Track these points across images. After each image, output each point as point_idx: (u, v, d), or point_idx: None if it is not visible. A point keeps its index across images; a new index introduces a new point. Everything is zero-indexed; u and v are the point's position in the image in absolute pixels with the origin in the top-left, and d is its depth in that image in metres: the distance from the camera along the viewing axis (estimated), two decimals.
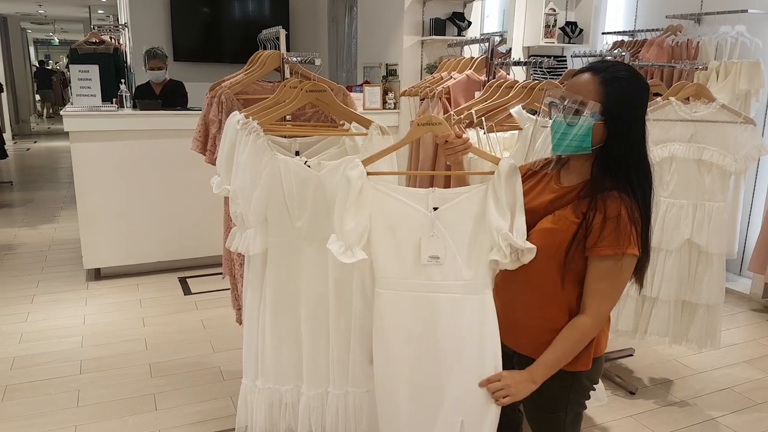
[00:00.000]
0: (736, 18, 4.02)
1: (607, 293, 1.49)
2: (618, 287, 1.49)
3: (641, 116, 1.49)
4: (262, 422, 1.98)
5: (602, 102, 1.44)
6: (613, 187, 1.44)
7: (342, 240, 1.57)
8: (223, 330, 3.42)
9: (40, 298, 3.85)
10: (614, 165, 1.46)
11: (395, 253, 1.60)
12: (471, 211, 1.59)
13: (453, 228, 1.58)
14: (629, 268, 1.47)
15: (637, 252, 1.44)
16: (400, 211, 1.60)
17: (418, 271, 1.58)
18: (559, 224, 1.49)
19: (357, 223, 1.57)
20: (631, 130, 1.47)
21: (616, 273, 1.45)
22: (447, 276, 1.58)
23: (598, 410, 2.64)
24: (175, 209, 4.25)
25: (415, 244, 1.59)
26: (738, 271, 4.37)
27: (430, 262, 1.58)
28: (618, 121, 1.45)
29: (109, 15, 12.49)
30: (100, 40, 6.15)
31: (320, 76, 2.38)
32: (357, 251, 1.56)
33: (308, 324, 1.94)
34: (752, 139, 2.56)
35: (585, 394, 1.63)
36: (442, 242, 1.58)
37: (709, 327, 2.67)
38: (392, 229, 1.60)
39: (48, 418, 2.56)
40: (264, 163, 1.79)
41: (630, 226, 1.42)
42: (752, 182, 4.24)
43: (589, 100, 1.43)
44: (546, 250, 1.50)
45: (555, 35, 5.06)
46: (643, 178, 1.47)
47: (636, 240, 1.43)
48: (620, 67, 1.49)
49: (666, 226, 2.59)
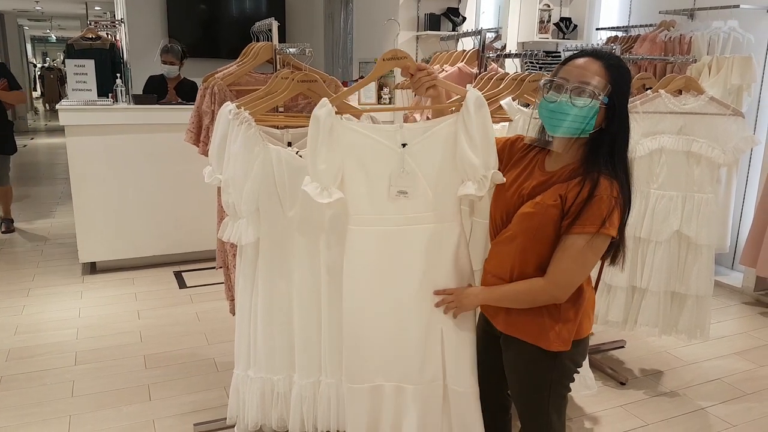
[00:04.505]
0: (729, 13, 4.04)
1: (571, 268, 1.50)
2: (585, 264, 1.50)
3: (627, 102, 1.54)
4: (254, 412, 2.00)
5: (610, 86, 1.46)
6: (601, 171, 1.47)
7: (317, 180, 1.61)
8: (218, 323, 3.43)
9: (36, 291, 3.87)
10: (606, 149, 1.49)
11: (367, 190, 1.65)
12: (441, 146, 1.65)
13: (423, 163, 1.65)
14: (600, 247, 1.48)
15: (614, 233, 1.46)
16: (371, 148, 1.64)
17: (389, 206, 1.65)
18: (537, 208, 1.52)
19: (330, 163, 1.61)
20: (625, 116, 1.51)
21: (585, 250, 1.47)
22: (417, 208, 1.66)
23: (588, 400, 2.67)
24: (171, 203, 4.26)
25: (385, 180, 1.64)
26: (730, 264, 4.40)
27: (399, 197, 1.65)
28: (619, 105, 1.49)
29: (105, 11, 12.47)
30: (96, 36, 6.16)
31: (315, 68, 2.40)
32: (333, 191, 1.62)
33: (300, 313, 1.96)
34: (740, 131, 2.58)
35: (568, 376, 1.64)
36: (413, 177, 1.64)
37: (699, 318, 2.70)
38: (364, 167, 1.65)
39: (43, 408, 2.57)
40: (256, 153, 1.81)
41: (613, 207, 1.45)
42: (744, 176, 4.27)
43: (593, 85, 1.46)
44: (526, 233, 1.53)
45: (549, 31, 5.08)
46: (625, 164, 1.51)
47: (616, 221, 1.46)
48: (615, 55, 1.56)
49: (655, 218, 2.62)
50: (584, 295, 1.58)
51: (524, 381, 1.66)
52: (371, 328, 1.74)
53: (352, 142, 1.64)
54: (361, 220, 1.69)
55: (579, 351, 1.63)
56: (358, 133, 1.65)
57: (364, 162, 1.65)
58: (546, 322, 1.56)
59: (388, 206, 1.66)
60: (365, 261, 1.71)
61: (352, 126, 1.66)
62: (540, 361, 1.59)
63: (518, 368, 1.66)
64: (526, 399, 1.68)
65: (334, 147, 1.62)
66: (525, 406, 1.69)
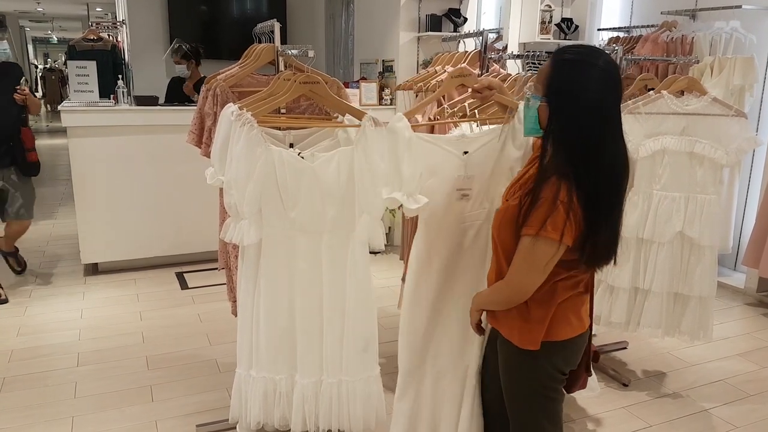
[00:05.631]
0: (731, 14, 4.03)
1: (522, 268, 1.49)
2: (533, 266, 1.46)
3: (589, 101, 1.42)
4: (257, 411, 2.00)
5: (547, 84, 1.45)
6: (557, 172, 1.42)
7: (402, 188, 1.80)
8: (220, 324, 3.43)
9: (38, 292, 3.87)
10: (555, 149, 1.45)
11: (439, 193, 1.91)
12: (493, 153, 1.92)
13: (479, 168, 1.91)
14: (545, 250, 1.43)
15: (556, 237, 1.40)
16: (441, 156, 1.90)
17: (455, 205, 1.92)
18: (503, 208, 1.56)
19: (414, 170, 1.81)
20: (573, 113, 1.43)
21: (531, 252, 1.45)
22: (474, 207, 1.93)
23: (591, 401, 2.66)
24: (173, 205, 4.26)
25: (451, 183, 1.90)
26: (733, 266, 4.39)
27: (462, 198, 1.92)
28: (556, 103, 1.44)
29: (107, 12, 12.49)
30: (97, 37, 6.17)
31: (316, 69, 2.40)
32: (419, 197, 1.82)
33: (302, 313, 1.96)
34: (743, 131, 2.58)
35: (550, 380, 1.60)
36: (472, 181, 1.92)
37: (702, 319, 2.69)
38: (435, 173, 1.90)
39: (46, 409, 2.58)
40: (258, 155, 1.81)
41: (555, 211, 1.39)
42: (746, 177, 4.26)
43: (540, 82, 1.48)
44: (496, 233, 1.59)
45: (551, 31, 5.07)
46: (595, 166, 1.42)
47: (561, 225, 1.40)
48: (573, 49, 1.47)
49: (658, 219, 2.61)
50: (557, 298, 1.53)
51: (509, 382, 1.66)
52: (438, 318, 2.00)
53: (425, 152, 1.87)
54: (433, 219, 1.93)
55: (559, 355, 1.58)
56: (429, 143, 1.90)
57: (436, 169, 1.89)
58: (515, 320, 1.56)
59: (455, 206, 1.92)
60: (436, 255, 1.95)
61: (423, 137, 1.90)
62: (520, 361, 1.59)
63: (504, 369, 1.67)
64: (512, 402, 1.68)
65: (415, 155, 1.81)
66: (513, 412, 1.69)
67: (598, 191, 1.42)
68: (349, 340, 1.96)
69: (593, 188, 1.42)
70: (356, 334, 1.97)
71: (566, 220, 1.39)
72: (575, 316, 1.58)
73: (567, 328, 1.56)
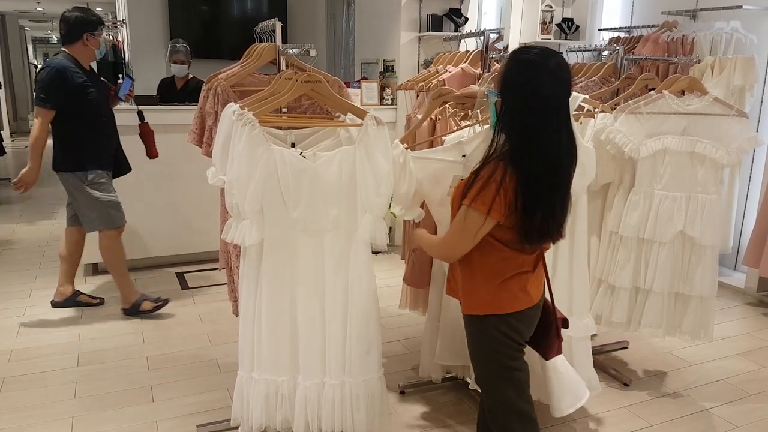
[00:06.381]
0: (731, 14, 4.03)
1: (455, 232, 1.69)
2: (463, 232, 1.66)
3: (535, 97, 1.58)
4: (259, 413, 1.99)
5: (500, 80, 1.63)
6: (496, 156, 1.63)
7: (400, 203, 2.12)
8: (221, 324, 3.43)
9: (38, 292, 3.87)
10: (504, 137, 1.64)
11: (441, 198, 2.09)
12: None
13: None
14: (474, 220, 1.62)
15: (484, 210, 1.59)
16: (441, 167, 2.09)
17: None
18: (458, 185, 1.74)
19: (408, 187, 2.08)
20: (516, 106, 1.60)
21: (462, 220, 1.65)
22: None
23: (592, 401, 2.65)
24: (173, 204, 4.26)
25: None
26: (733, 265, 4.39)
27: None
28: (504, 97, 1.62)
29: (107, 12, 12.47)
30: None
31: (317, 69, 2.39)
32: (414, 210, 2.17)
33: (304, 314, 1.95)
34: (744, 131, 2.58)
35: (501, 346, 1.75)
36: None
37: (702, 318, 2.69)
38: (438, 182, 2.10)
39: (45, 409, 2.57)
40: (259, 154, 1.81)
41: (487, 187, 1.58)
42: (746, 177, 4.26)
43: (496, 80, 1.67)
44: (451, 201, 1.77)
45: (552, 31, 5.07)
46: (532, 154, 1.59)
47: (489, 200, 1.58)
48: (528, 50, 1.62)
49: (659, 218, 2.61)
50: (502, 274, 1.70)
51: (471, 351, 1.83)
52: None
53: (425, 167, 2.08)
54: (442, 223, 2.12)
55: (506, 324, 1.73)
56: (426, 159, 2.10)
57: (439, 178, 2.09)
58: (466, 291, 1.77)
59: None
60: None
61: (423, 155, 2.11)
62: (471, 328, 1.80)
63: (467, 339, 1.84)
64: (476, 369, 1.84)
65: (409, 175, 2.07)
66: (481, 383, 1.84)
67: (533, 175, 1.59)
68: (352, 341, 1.96)
69: (527, 172, 1.58)
70: (359, 335, 1.96)
71: (495, 196, 1.58)
72: (522, 291, 1.74)
73: (513, 301, 1.73)
